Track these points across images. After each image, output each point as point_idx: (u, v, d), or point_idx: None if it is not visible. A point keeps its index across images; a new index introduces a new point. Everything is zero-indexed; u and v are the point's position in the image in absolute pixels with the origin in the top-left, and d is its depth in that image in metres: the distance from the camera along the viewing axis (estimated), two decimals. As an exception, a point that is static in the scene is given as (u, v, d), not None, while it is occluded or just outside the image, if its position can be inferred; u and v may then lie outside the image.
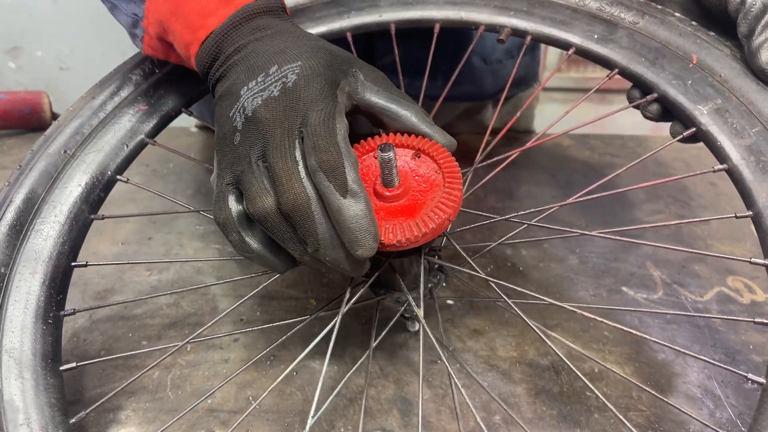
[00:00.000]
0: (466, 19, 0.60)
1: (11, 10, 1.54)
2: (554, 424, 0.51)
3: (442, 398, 0.53)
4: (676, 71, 0.50)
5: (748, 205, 0.43)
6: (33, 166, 0.52)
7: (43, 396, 0.43)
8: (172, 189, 0.89)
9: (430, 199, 0.43)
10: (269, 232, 0.41)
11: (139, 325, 0.62)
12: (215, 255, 0.73)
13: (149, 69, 0.57)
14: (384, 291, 0.52)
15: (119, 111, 0.56)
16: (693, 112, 0.48)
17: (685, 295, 0.67)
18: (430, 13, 0.61)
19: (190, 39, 0.47)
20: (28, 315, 0.46)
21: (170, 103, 0.58)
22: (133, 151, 0.56)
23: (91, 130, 0.54)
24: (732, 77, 0.47)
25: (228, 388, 0.54)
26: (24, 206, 0.49)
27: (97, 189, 0.53)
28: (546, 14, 0.57)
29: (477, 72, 0.90)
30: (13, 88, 1.44)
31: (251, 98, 0.42)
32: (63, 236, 0.50)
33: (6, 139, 1.05)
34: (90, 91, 0.56)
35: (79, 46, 1.60)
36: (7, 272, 0.47)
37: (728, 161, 0.45)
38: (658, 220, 0.82)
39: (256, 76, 0.43)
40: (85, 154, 0.53)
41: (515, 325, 0.62)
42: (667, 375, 0.56)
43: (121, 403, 0.53)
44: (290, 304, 0.65)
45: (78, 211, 0.51)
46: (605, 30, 0.55)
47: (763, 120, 0.44)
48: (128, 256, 0.73)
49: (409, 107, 0.46)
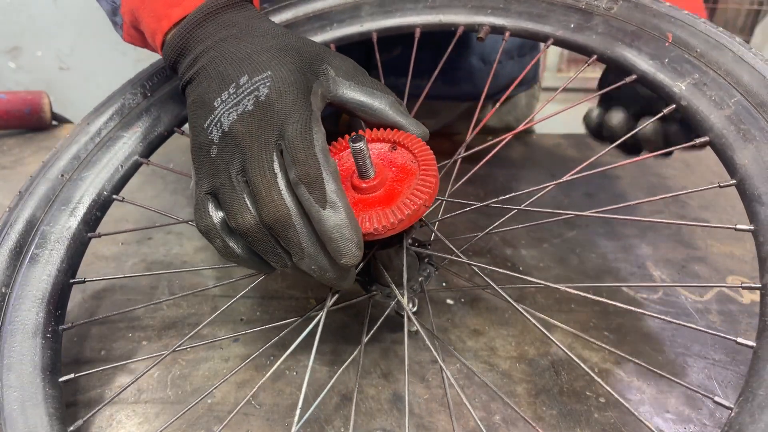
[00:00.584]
0: (445, 21, 0.62)
1: (11, 10, 1.55)
2: (554, 424, 0.51)
3: (441, 398, 0.53)
4: (652, 51, 0.51)
5: (731, 174, 0.43)
6: (32, 191, 0.54)
7: (42, 407, 0.45)
8: (172, 188, 0.89)
9: (407, 187, 0.43)
10: (251, 245, 0.42)
11: (139, 325, 0.62)
12: (215, 255, 0.73)
13: (141, 93, 0.60)
14: (375, 287, 0.52)
15: (114, 134, 0.58)
16: (672, 89, 0.48)
17: (685, 295, 0.67)
18: (410, 19, 0.63)
19: (155, 28, 0.47)
20: (27, 331, 0.48)
21: (162, 124, 0.60)
22: (128, 171, 0.58)
23: (87, 154, 0.57)
24: (708, 50, 0.48)
25: (228, 388, 0.54)
26: (24, 229, 0.52)
27: (94, 209, 0.55)
28: (522, 9, 0.59)
29: (476, 72, 0.91)
30: (13, 88, 1.44)
31: (226, 112, 0.42)
32: (61, 256, 0.52)
33: (6, 139, 1.05)
34: (85, 118, 0.59)
35: (79, 46, 1.61)
36: (7, 291, 0.49)
37: (709, 133, 0.45)
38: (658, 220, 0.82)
39: (227, 87, 0.43)
40: (82, 178, 0.56)
41: (515, 325, 0.62)
42: (667, 375, 0.56)
43: (122, 402, 0.53)
44: (290, 304, 0.65)
45: (76, 232, 0.54)
46: (581, 19, 0.56)
47: (742, 89, 0.45)
48: (128, 255, 0.73)
49: (382, 99, 0.46)
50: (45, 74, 1.62)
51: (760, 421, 0.33)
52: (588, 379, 0.55)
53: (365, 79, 0.47)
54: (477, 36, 0.60)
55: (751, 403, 0.34)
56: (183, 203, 0.85)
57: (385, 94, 0.47)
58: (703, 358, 0.58)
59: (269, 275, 0.49)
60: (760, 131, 0.42)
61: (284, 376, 0.56)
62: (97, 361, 0.58)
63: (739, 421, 0.34)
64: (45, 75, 1.62)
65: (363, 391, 0.54)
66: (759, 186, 0.41)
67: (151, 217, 0.80)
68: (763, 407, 0.33)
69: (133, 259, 0.73)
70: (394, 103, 0.47)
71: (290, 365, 0.57)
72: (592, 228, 0.80)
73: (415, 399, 0.53)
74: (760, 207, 0.40)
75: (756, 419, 0.33)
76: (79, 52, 1.62)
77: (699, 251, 0.75)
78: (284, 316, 0.63)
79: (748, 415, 0.34)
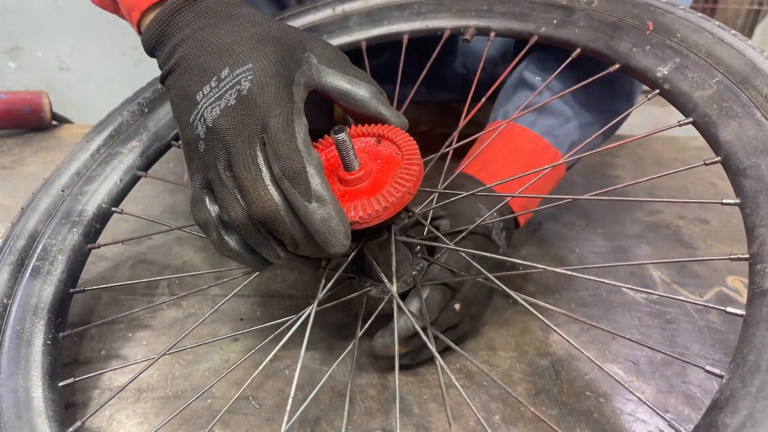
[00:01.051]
0: (432, 26, 0.64)
1: (11, 10, 1.55)
2: (554, 424, 0.51)
3: (441, 398, 0.53)
4: (634, 40, 0.52)
5: (716, 151, 0.44)
6: (34, 207, 0.56)
7: (42, 410, 0.46)
8: (172, 188, 0.89)
9: (392, 177, 0.44)
10: (244, 238, 0.42)
11: (139, 324, 0.62)
12: (214, 255, 0.73)
13: (139, 110, 0.62)
14: (369, 283, 0.52)
15: (113, 150, 0.60)
16: (654, 75, 0.49)
17: (685, 295, 0.67)
18: (398, 26, 0.65)
19: (132, 4, 0.47)
20: (28, 339, 0.49)
21: (160, 139, 0.62)
22: (127, 184, 0.60)
23: (87, 170, 0.59)
24: (688, 35, 0.49)
25: (227, 387, 0.54)
26: (26, 243, 0.54)
27: (94, 222, 0.57)
28: (505, 10, 0.60)
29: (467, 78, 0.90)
30: (13, 88, 1.44)
31: (209, 107, 0.42)
32: (62, 267, 0.54)
33: (6, 139, 1.06)
34: (86, 135, 0.61)
35: (79, 46, 1.60)
36: (9, 302, 0.50)
37: (693, 113, 0.46)
38: (657, 220, 0.82)
39: (209, 80, 0.43)
40: (83, 192, 0.58)
41: (515, 325, 0.62)
42: (667, 375, 0.56)
43: (122, 402, 0.53)
44: (290, 304, 0.65)
45: (76, 244, 0.55)
46: (563, 15, 0.57)
47: (722, 69, 0.46)
48: (128, 256, 0.73)
49: (364, 87, 0.46)
50: (45, 74, 1.62)
51: (751, 385, 0.33)
52: (588, 379, 0.55)
53: (348, 67, 0.47)
54: (463, 38, 0.61)
55: (741, 368, 0.34)
56: (183, 203, 0.86)
57: (368, 84, 0.47)
58: (703, 358, 0.58)
59: (269, 275, 0.49)
60: (742, 107, 0.43)
61: (284, 376, 0.56)
62: (96, 361, 0.58)
63: (730, 386, 0.34)
64: (45, 75, 1.62)
65: (363, 391, 0.54)
66: (743, 160, 0.41)
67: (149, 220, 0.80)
68: (753, 371, 0.33)
69: (132, 260, 0.73)
70: (376, 93, 0.47)
71: (289, 365, 0.57)
72: (592, 228, 0.80)
73: (414, 399, 0.53)
74: (744, 180, 0.41)
75: (747, 383, 0.33)
76: (79, 52, 1.62)
77: (699, 251, 0.75)
78: (284, 315, 0.63)
79: (739, 380, 0.34)
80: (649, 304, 0.65)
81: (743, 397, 0.33)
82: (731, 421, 0.32)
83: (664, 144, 1.05)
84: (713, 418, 0.33)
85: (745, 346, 0.35)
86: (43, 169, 0.93)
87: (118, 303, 0.65)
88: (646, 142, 1.06)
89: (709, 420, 0.33)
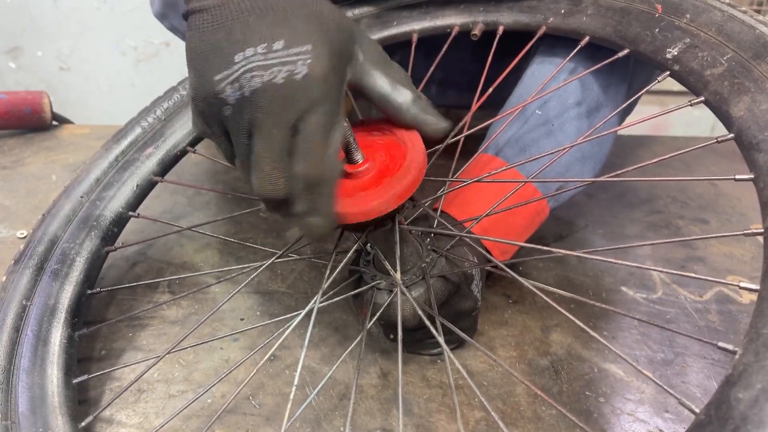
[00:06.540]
0: (441, 24, 0.64)
1: (11, 10, 1.55)
2: (554, 424, 0.51)
3: (441, 398, 0.53)
4: (643, 24, 0.52)
5: (728, 128, 0.44)
6: (54, 213, 0.59)
7: (56, 406, 0.47)
8: (172, 188, 0.89)
9: (395, 168, 0.44)
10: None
11: (139, 324, 0.62)
12: (215, 255, 0.73)
13: (155, 118, 0.65)
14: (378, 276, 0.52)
15: (131, 157, 0.63)
16: (664, 56, 0.49)
17: (685, 295, 0.67)
18: (409, 27, 0.66)
19: None
20: (45, 338, 0.51)
21: (176, 144, 0.64)
22: (144, 189, 0.63)
23: (105, 176, 0.62)
24: (697, 15, 0.49)
25: (227, 387, 0.54)
26: (46, 248, 0.56)
27: (111, 226, 0.60)
28: (513, 3, 0.61)
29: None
30: (13, 88, 1.44)
31: (249, 74, 0.37)
32: (80, 269, 0.56)
33: (6, 139, 1.05)
34: (105, 144, 0.64)
35: (79, 46, 1.60)
36: (28, 304, 0.52)
37: (704, 92, 0.46)
38: (657, 220, 0.82)
39: (255, 44, 0.37)
40: (100, 198, 0.61)
41: (515, 325, 0.62)
42: (667, 375, 0.56)
43: (122, 402, 0.53)
44: (291, 304, 0.65)
45: (93, 247, 0.58)
46: (570, 4, 0.58)
47: (733, 45, 0.45)
48: (129, 256, 0.73)
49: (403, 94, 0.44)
50: (45, 74, 1.62)
51: (764, 359, 0.32)
52: (588, 379, 0.55)
53: (390, 69, 0.44)
54: (471, 33, 0.61)
55: (755, 342, 0.33)
56: (182, 204, 0.85)
57: (408, 90, 0.45)
58: (703, 358, 0.58)
59: (269, 275, 0.49)
60: (754, 82, 0.43)
61: (284, 376, 0.56)
62: (97, 360, 0.58)
63: (743, 361, 0.33)
64: (45, 75, 1.62)
65: (363, 391, 0.54)
66: (756, 134, 0.41)
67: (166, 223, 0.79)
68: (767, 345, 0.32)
69: (134, 259, 0.73)
70: (415, 100, 0.45)
71: (290, 365, 0.57)
72: (592, 228, 0.80)
73: (415, 399, 0.53)
74: (758, 154, 0.40)
75: (760, 357, 0.32)
76: (79, 52, 1.62)
77: (698, 251, 0.76)
78: (285, 315, 0.63)
79: (752, 355, 0.33)
80: (649, 303, 0.65)
81: (757, 371, 0.32)
82: (744, 395, 0.31)
83: (664, 144, 1.05)
84: (725, 394, 0.32)
85: (759, 320, 0.34)
86: (44, 169, 0.93)
87: (118, 302, 0.65)
88: (644, 141, 1.06)
89: (722, 395, 0.32)
